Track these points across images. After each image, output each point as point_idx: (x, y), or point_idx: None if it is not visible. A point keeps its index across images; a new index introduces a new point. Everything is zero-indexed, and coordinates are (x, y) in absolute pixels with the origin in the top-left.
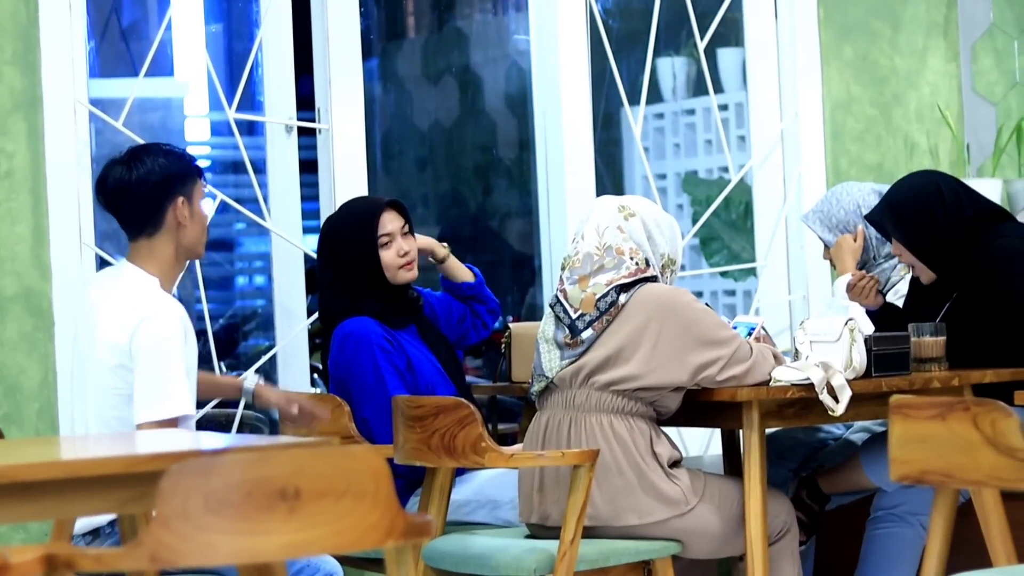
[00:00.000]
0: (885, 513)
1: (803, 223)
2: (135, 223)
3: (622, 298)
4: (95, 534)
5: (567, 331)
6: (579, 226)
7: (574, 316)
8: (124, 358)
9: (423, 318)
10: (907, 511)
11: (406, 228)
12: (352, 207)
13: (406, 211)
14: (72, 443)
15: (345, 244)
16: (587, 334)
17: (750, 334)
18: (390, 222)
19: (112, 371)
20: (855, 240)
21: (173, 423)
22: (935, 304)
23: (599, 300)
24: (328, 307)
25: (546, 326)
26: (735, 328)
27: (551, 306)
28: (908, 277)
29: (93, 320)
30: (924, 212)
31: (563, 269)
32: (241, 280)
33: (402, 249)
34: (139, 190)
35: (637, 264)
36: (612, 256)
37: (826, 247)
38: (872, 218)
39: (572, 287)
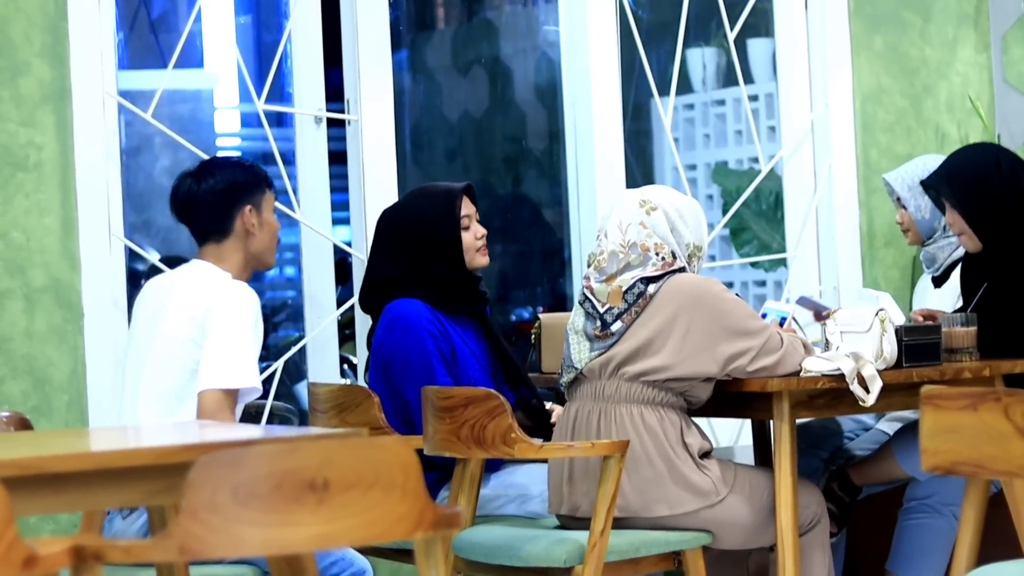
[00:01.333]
0: (918, 504)
1: (884, 179)
2: (204, 230)
3: (651, 288)
4: (133, 508)
5: (597, 323)
6: (601, 223)
7: (603, 310)
8: (197, 333)
9: (484, 315)
10: (940, 501)
11: (477, 213)
12: (429, 190)
13: (475, 197)
14: (101, 435)
15: (426, 226)
16: (617, 326)
17: (783, 322)
18: (467, 205)
19: (181, 344)
20: (899, 220)
21: (234, 394)
22: (978, 289)
23: (627, 292)
24: (379, 288)
25: (576, 318)
26: (765, 315)
27: (580, 303)
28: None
29: (161, 303)
30: (980, 177)
31: (589, 266)
32: (272, 271)
33: (479, 232)
34: (208, 198)
35: (664, 259)
36: (637, 253)
37: (902, 208)
38: (928, 183)
39: (599, 285)
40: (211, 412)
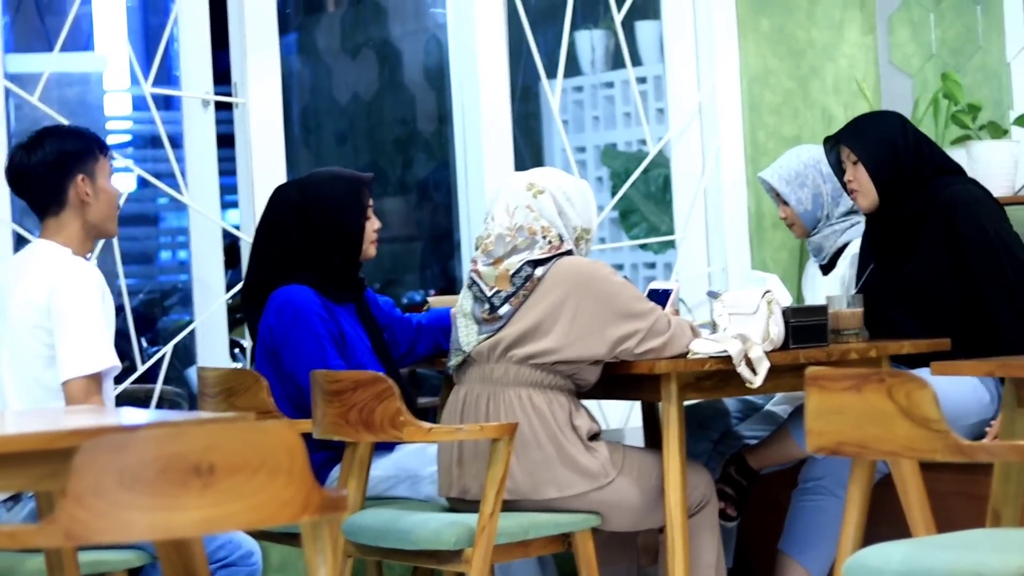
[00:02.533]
0: (813, 484)
1: (760, 179)
2: (39, 203)
3: (538, 272)
4: (16, 499)
5: (486, 307)
6: (489, 206)
7: (490, 294)
8: (42, 318)
9: (363, 300)
10: (834, 482)
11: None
12: (339, 175)
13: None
14: None
15: (334, 211)
16: (504, 309)
17: (666, 297)
18: (369, 197)
19: (30, 333)
20: (783, 216)
21: (98, 377)
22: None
23: (514, 276)
24: (264, 273)
25: (464, 301)
26: (650, 294)
27: (467, 286)
28: (858, 241)
29: (8, 291)
30: (887, 135)
31: (476, 249)
32: (163, 255)
33: (376, 224)
34: (38, 171)
35: (551, 242)
36: (524, 236)
37: (782, 204)
38: (835, 136)
39: (487, 268)
40: (80, 400)
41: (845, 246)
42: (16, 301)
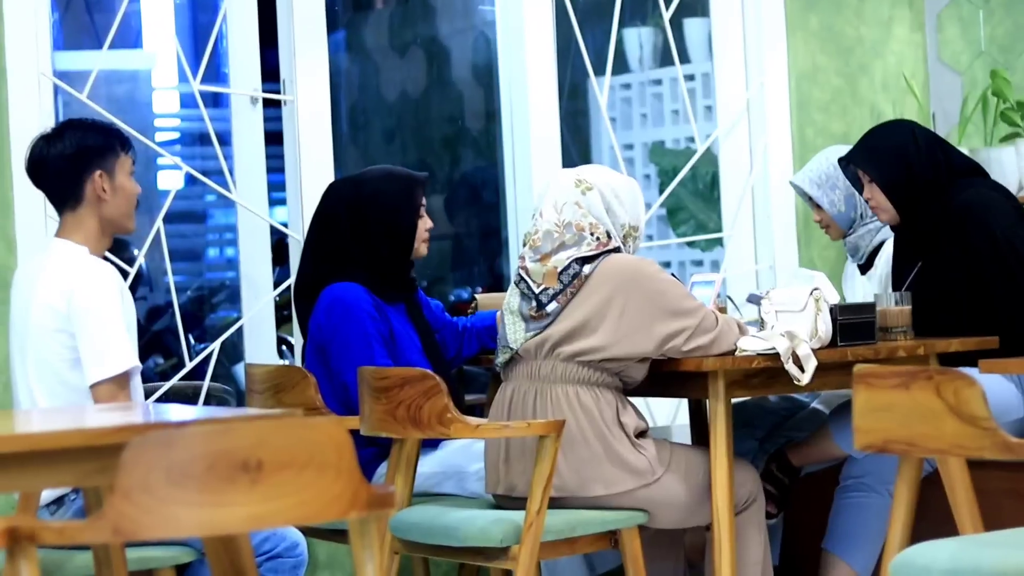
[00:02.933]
0: (855, 482)
1: (792, 184)
2: (57, 197)
3: (586, 269)
4: (59, 503)
5: (533, 304)
6: (537, 202)
7: (538, 291)
8: (63, 323)
9: (414, 300)
10: (876, 480)
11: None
12: (393, 173)
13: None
14: (33, 417)
15: (386, 209)
16: (552, 307)
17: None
18: (422, 196)
19: (52, 337)
20: (817, 219)
21: (124, 378)
22: (911, 269)
23: (562, 273)
24: (316, 269)
25: (511, 298)
26: (694, 286)
27: (515, 283)
28: (891, 241)
29: (28, 293)
30: (898, 150)
31: (524, 246)
32: (211, 252)
33: (428, 224)
34: (56, 165)
35: (598, 239)
36: (572, 233)
37: (816, 207)
38: (847, 157)
39: (534, 265)
40: (108, 402)
41: (881, 244)
42: (35, 305)
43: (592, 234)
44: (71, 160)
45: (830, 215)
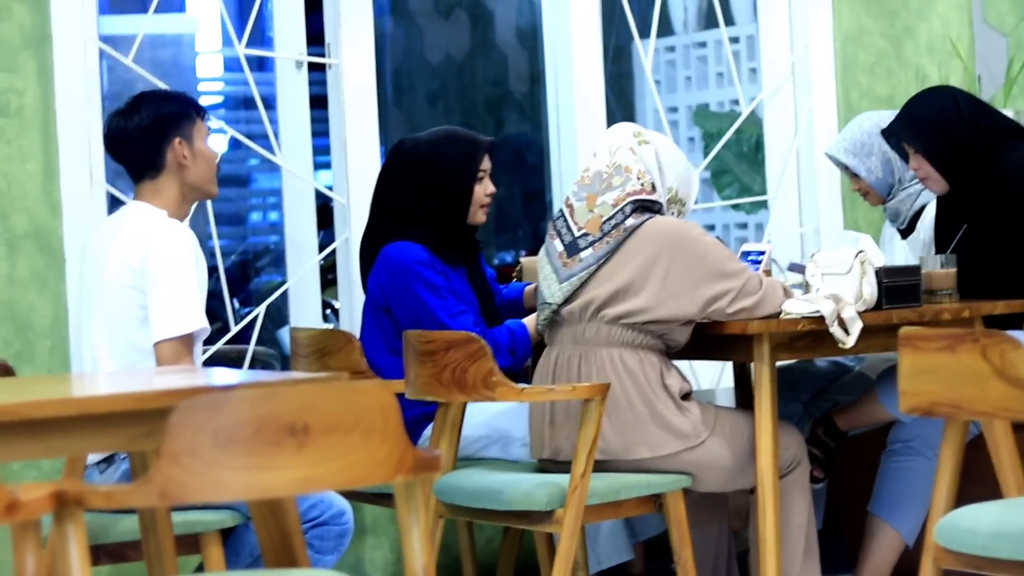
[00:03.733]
0: (901, 446)
1: (827, 155)
2: (137, 168)
3: (628, 222)
4: (109, 461)
5: (563, 250)
6: (594, 145)
7: (577, 234)
8: (136, 279)
9: (476, 263)
10: (923, 444)
11: (491, 172)
12: (456, 136)
13: (493, 156)
14: (82, 380)
15: (443, 169)
16: (586, 254)
17: (759, 259)
18: (486, 160)
19: (124, 293)
20: (855, 187)
21: (190, 339)
22: (955, 232)
23: (604, 222)
24: (379, 225)
25: (543, 254)
26: (747, 256)
27: (552, 221)
28: (935, 202)
29: (103, 252)
30: (941, 119)
31: (573, 183)
32: (255, 216)
33: (489, 188)
34: (135, 136)
35: (643, 185)
36: (621, 174)
37: (853, 176)
38: (890, 129)
39: (580, 204)
40: (170, 361)
41: (923, 209)
42: (110, 262)
43: (639, 178)
44: (150, 131)
45: (868, 182)
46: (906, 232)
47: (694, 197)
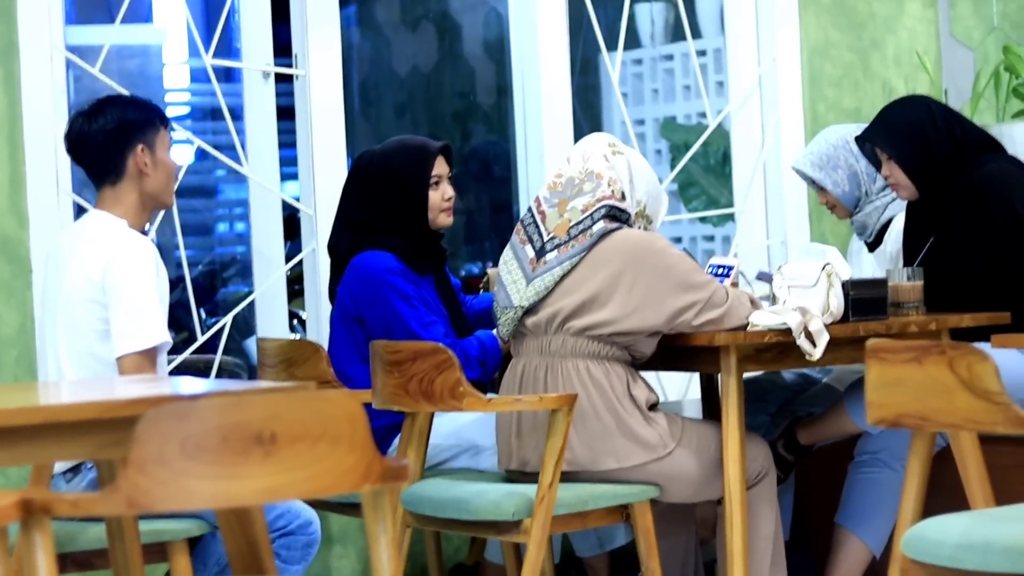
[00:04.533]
0: (869, 457)
1: (794, 169)
2: (98, 171)
3: (595, 227)
4: (75, 470)
5: (534, 255)
6: (568, 151)
7: (545, 238)
8: (97, 293)
9: (443, 273)
10: (890, 455)
11: (450, 174)
12: (406, 145)
13: (452, 158)
14: (49, 389)
15: (396, 179)
16: (551, 256)
17: (727, 273)
18: (440, 165)
19: (85, 307)
20: (823, 201)
21: (152, 352)
22: (923, 243)
23: (572, 227)
24: (343, 238)
25: (507, 257)
26: (714, 270)
27: (523, 223)
28: (903, 215)
29: (64, 262)
30: (915, 127)
31: (543, 188)
32: (222, 227)
33: (447, 193)
34: (97, 139)
35: (613, 191)
36: (592, 180)
37: (820, 189)
38: (864, 135)
39: (551, 210)
40: (133, 375)
41: (890, 222)
42: (71, 274)
43: (609, 185)
44: (113, 135)
45: (835, 195)
46: (873, 245)
47: (662, 217)
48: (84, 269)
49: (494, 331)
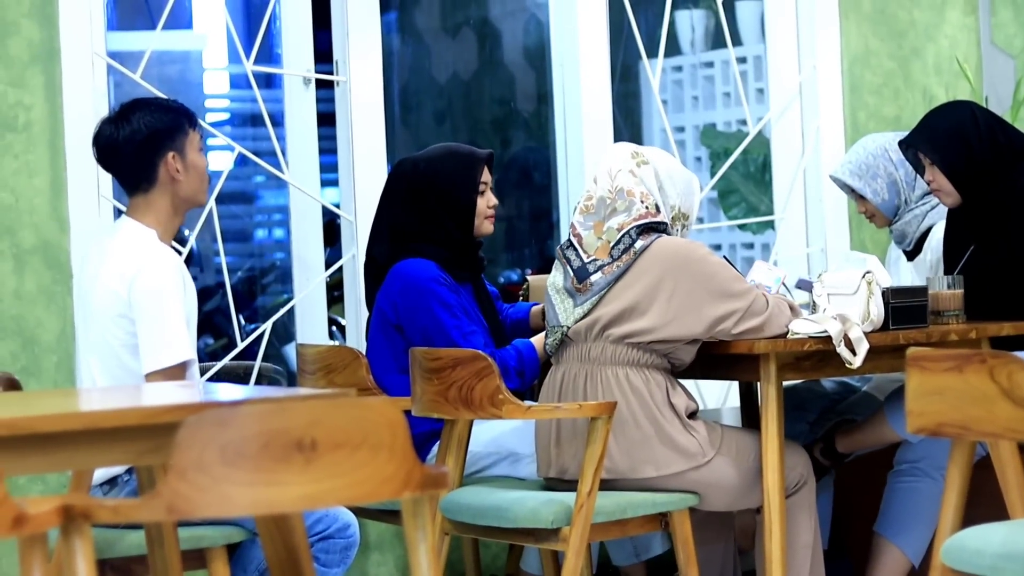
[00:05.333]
0: (909, 467)
1: (832, 179)
2: (129, 180)
3: (638, 244)
4: (112, 483)
5: (573, 276)
6: (594, 170)
7: (586, 260)
8: (124, 308)
9: (481, 281)
10: (930, 465)
11: (492, 183)
12: (454, 150)
13: (493, 166)
14: (89, 395)
15: (444, 186)
16: (596, 277)
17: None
18: (485, 173)
19: (113, 321)
20: (861, 210)
21: (180, 369)
22: (964, 250)
23: (613, 248)
24: (383, 246)
25: (555, 277)
26: (754, 283)
27: (561, 248)
28: (943, 224)
29: (94, 275)
30: (959, 132)
31: (575, 211)
32: (260, 233)
33: (492, 200)
34: (127, 149)
35: (647, 208)
36: (624, 199)
37: (859, 198)
38: (907, 140)
39: (587, 232)
40: None
41: (929, 230)
42: (99, 288)
43: (642, 202)
44: (142, 145)
45: (874, 204)
46: (912, 254)
47: (697, 206)
48: (112, 284)
49: (534, 340)
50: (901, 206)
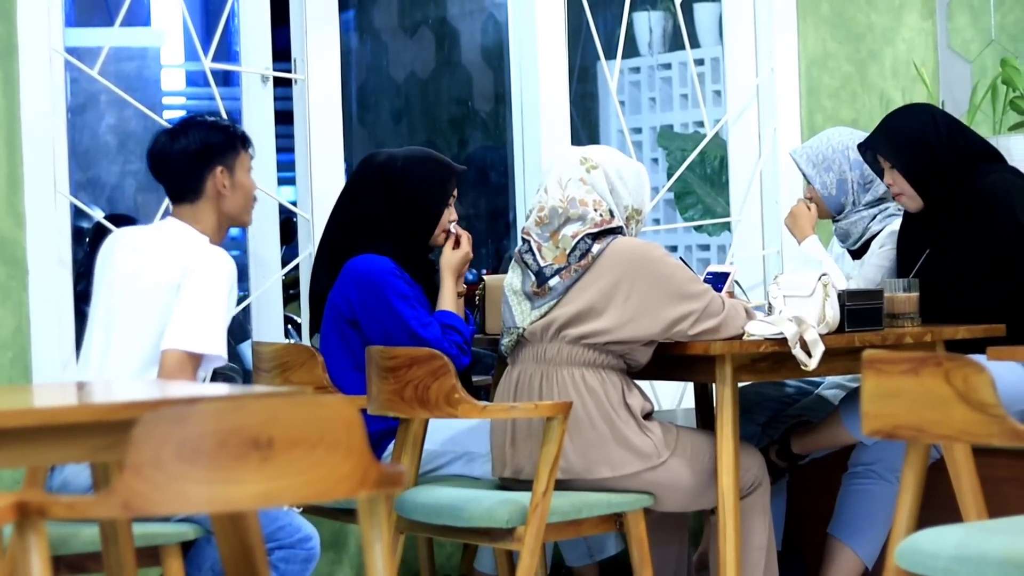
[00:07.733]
0: (863, 469)
1: (791, 156)
2: (176, 190)
3: (595, 248)
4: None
5: (533, 279)
6: (542, 179)
7: (543, 265)
8: (174, 296)
9: (433, 284)
10: (885, 467)
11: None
12: (434, 158)
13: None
14: (44, 391)
15: (416, 188)
16: (554, 281)
17: (723, 281)
18: (454, 187)
19: (157, 310)
20: (808, 207)
21: (198, 358)
22: (919, 253)
23: (570, 254)
24: (344, 235)
25: (513, 278)
26: (710, 278)
27: (520, 252)
28: (889, 227)
29: (138, 262)
30: (918, 136)
31: (527, 219)
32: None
33: (453, 215)
34: (178, 159)
35: (601, 216)
36: (576, 207)
37: (808, 183)
38: (866, 143)
39: (546, 244)
40: (172, 372)
41: (877, 234)
42: (149, 278)
43: (595, 210)
44: (194, 156)
45: (819, 195)
46: (857, 253)
47: (648, 198)
48: (163, 275)
49: (442, 301)
50: (847, 206)
